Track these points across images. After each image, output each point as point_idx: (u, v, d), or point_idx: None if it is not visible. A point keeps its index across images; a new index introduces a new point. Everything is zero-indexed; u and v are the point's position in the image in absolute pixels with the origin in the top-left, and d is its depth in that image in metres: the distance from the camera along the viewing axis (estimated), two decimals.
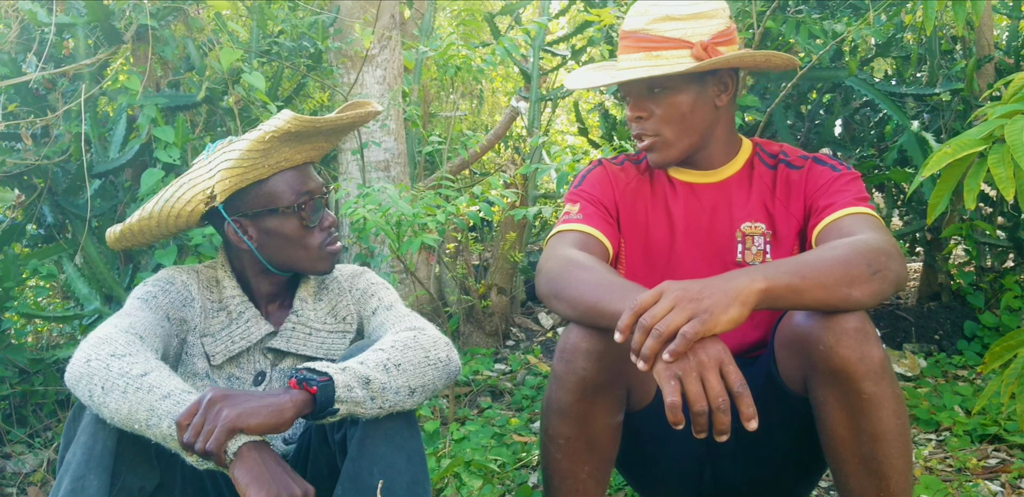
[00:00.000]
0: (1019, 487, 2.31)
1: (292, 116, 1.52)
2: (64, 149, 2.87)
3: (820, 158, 1.72)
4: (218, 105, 3.00)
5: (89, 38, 2.93)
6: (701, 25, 1.64)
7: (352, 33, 3.58)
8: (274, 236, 1.62)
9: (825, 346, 1.35)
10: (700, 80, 1.67)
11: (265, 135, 1.52)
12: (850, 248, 1.37)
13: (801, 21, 3.18)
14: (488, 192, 2.74)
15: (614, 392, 1.49)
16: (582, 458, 1.52)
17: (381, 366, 1.41)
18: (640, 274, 1.78)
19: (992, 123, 1.77)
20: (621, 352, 1.45)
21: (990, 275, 3.91)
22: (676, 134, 1.69)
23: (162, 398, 1.32)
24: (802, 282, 1.30)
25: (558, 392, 1.50)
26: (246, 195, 1.61)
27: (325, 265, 1.67)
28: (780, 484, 1.72)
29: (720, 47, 1.64)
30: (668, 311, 1.24)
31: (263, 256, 1.64)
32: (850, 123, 4.12)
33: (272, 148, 1.56)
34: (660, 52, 1.64)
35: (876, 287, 1.34)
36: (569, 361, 1.47)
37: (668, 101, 1.67)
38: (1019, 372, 1.88)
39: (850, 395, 1.36)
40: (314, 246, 1.64)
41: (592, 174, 1.82)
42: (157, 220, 1.64)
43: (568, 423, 1.50)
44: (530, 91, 4.53)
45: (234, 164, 1.54)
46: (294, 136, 1.56)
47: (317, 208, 1.64)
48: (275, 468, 1.29)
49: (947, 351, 3.62)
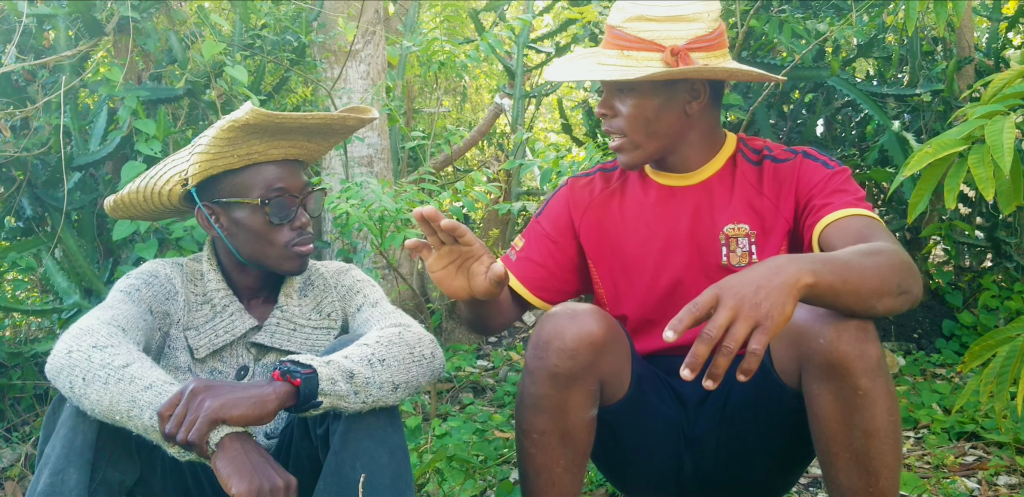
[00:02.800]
0: (995, 484, 2.33)
1: (250, 109, 1.50)
2: (44, 141, 2.84)
3: (809, 152, 1.70)
4: (200, 98, 2.98)
5: (70, 29, 2.91)
6: (678, 28, 1.60)
7: (335, 27, 3.57)
8: (241, 227, 1.61)
9: (825, 340, 1.36)
10: (669, 86, 1.63)
11: (226, 124, 1.51)
12: (888, 261, 1.35)
13: (784, 20, 3.19)
14: (471, 188, 2.73)
15: (587, 386, 1.50)
16: (557, 452, 1.53)
17: (366, 361, 1.40)
18: (622, 287, 1.78)
19: (972, 123, 1.78)
20: (593, 346, 1.46)
21: (968, 275, 3.95)
22: (641, 137, 1.67)
23: (144, 389, 1.31)
24: (843, 286, 1.28)
25: (531, 386, 1.51)
26: (218, 182, 1.60)
27: (292, 265, 1.64)
28: (761, 480, 1.72)
29: (697, 52, 1.60)
30: (730, 321, 1.18)
31: (232, 246, 1.64)
32: (832, 123, 4.14)
33: (238, 138, 1.54)
34: (632, 52, 1.61)
35: (897, 305, 1.35)
36: (541, 356, 1.48)
37: (634, 103, 1.64)
38: (998, 371, 1.90)
39: (846, 390, 1.36)
40: (280, 244, 1.62)
41: (552, 200, 1.85)
42: (143, 195, 1.66)
43: (542, 417, 1.51)
44: (514, 88, 4.52)
45: (204, 149, 1.54)
46: (259, 129, 1.54)
47: (285, 206, 1.61)
48: (257, 459, 1.28)
49: (926, 349, 3.66)
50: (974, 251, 4.09)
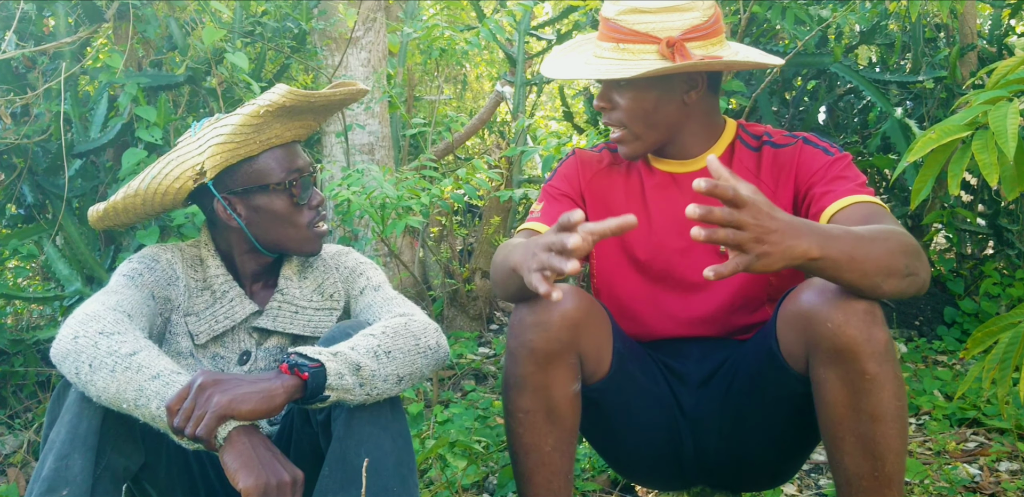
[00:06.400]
0: (997, 470, 2.34)
1: (287, 89, 1.52)
2: (44, 128, 2.83)
3: (810, 138, 1.69)
4: (201, 85, 2.97)
5: (70, 16, 2.89)
6: (673, 19, 1.58)
7: (336, 14, 3.56)
8: (263, 214, 1.61)
9: (833, 324, 1.35)
10: (666, 78, 1.63)
11: (260, 109, 1.51)
12: (898, 243, 1.35)
13: (787, 7, 3.18)
14: (472, 175, 2.73)
15: (566, 361, 1.51)
16: (543, 430, 1.53)
17: (372, 353, 1.41)
18: (614, 263, 1.78)
19: (976, 109, 1.78)
20: (569, 321, 1.47)
21: (970, 262, 3.95)
22: (641, 129, 1.67)
23: (151, 378, 1.31)
24: (848, 263, 1.29)
25: (512, 366, 1.52)
26: (236, 172, 1.60)
27: (313, 246, 1.66)
28: (764, 464, 1.73)
29: (693, 42, 1.59)
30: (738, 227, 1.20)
31: (252, 234, 1.63)
32: (834, 109, 4.13)
33: (264, 124, 1.55)
34: (627, 45, 1.60)
35: (903, 286, 1.34)
36: (518, 335, 1.50)
37: (631, 96, 1.64)
38: (1000, 357, 1.90)
39: (853, 374, 1.36)
40: (303, 224, 1.63)
41: (562, 166, 1.84)
42: (143, 197, 1.62)
43: (525, 396, 1.52)
44: (515, 75, 4.51)
45: (226, 139, 1.53)
46: (287, 111, 1.56)
47: (306, 186, 1.64)
48: (264, 453, 1.28)
49: (927, 337, 3.66)
50: (976, 238, 4.09)
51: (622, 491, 2.25)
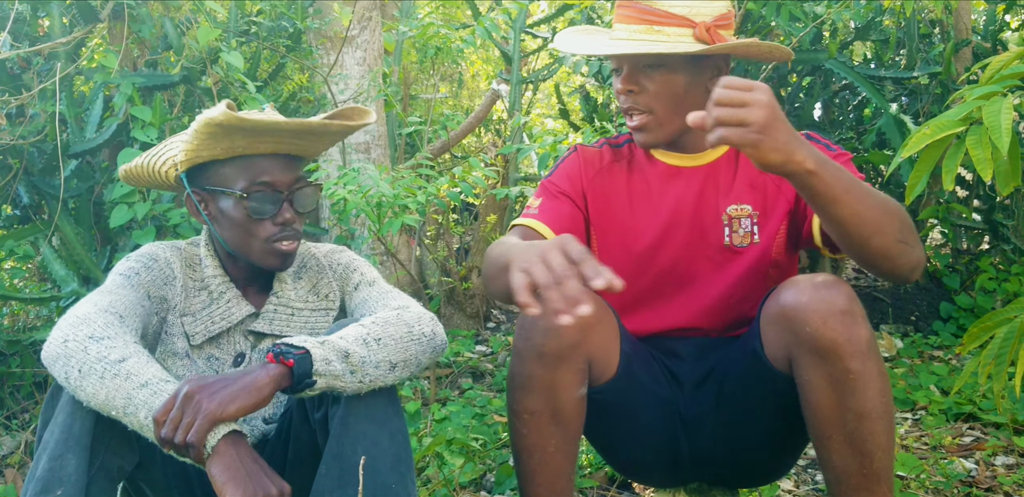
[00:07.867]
0: (993, 464, 2.34)
1: (223, 111, 1.46)
2: (40, 129, 2.83)
3: (812, 136, 1.69)
4: (196, 85, 2.97)
5: (64, 16, 2.89)
6: (705, 5, 1.60)
7: (331, 13, 3.55)
8: (225, 217, 1.59)
9: (812, 327, 1.36)
10: (697, 62, 1.63)
11: (201, 121, 1.48)
12: (896, 208, 1.34)
13: (782, 3, 3.18)
14: (469, 173, 2.73)
15: (574, 364, 1.51)
16: (548, 432, 1.53)
17: (360, 340, 1.40)
18: (616, 257, 1.78)
19: (970, 104, 1.78)
20: (578, 324, 1.44)
21: (965, 257, 3.96)
22: (668, 114, 1.66)
23: (139, 387, 1.30)
24: (844, 195, 1.27)
25: (519, 367, 1.52)
26: (206, 171, 1.59)
27: (272, 261, 1.61)
28: (758, 462, 1.73)
29: (721, 30, 1.61)
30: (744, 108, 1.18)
31: (218, 234, 1.62)
32: (829, 106, 4.14)
33: (217, 134, 1.50)
34: (662, 27, 1.60)
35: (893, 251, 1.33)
36: (527, 336, 1.49)
37: (663, 79, 1.63)
38: (996, 352, 1.90)
39: (837, 374, 1.37)
40: (261, 237, 1.59)
41: (564, 162, 1.82)
42: (147, 171, 1.66)
43: (531, 397, 1.52)
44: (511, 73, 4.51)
45: (188, 138, 1.53)
46: (235, 129, 1.50)
47: (267, 201, 1.58)
48: (252, 466, 1.28)
49: (923, 332, 3.67)
50: (971, 234, 4.10)
51: (619, 488, 2.26)
